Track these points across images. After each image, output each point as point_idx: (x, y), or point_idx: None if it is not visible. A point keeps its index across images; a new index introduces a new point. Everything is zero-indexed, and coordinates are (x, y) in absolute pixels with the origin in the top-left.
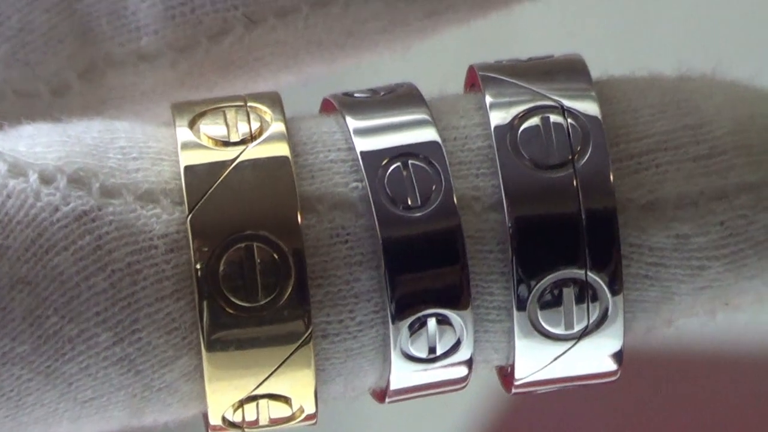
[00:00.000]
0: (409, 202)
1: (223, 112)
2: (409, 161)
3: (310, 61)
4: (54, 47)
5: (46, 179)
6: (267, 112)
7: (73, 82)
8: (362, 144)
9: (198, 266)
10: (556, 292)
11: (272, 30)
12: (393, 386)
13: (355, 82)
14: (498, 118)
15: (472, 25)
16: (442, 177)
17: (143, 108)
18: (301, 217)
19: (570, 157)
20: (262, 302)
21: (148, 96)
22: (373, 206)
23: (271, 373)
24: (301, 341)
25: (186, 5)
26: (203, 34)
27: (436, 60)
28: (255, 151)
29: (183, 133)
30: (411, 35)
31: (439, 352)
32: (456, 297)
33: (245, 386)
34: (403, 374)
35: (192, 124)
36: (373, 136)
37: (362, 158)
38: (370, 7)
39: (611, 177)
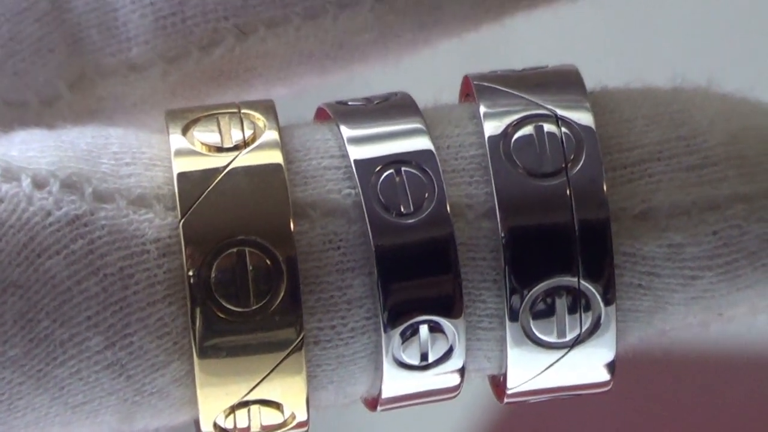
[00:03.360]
0: (402, 209)
1: (217, 118)
2: (402, 168)
3: (302, 73)
4: (44, 57)
5: (39, 184)
6: (260, 119)
7: (62, 92)
8: (356, 152)
9: (190, 273)
10: (548, 300)
11: (263, 41)
12: (385, 394)
13: (350, 93)
14: (492, 126)
15: (466, 37)
16: (435, 184)
17: (133, 118)
18: (294, 223)
19: (563, 166)
20: (254, 308)
21: (139, 107)
22: (365, 212)
23: (263, 379)
24: (292, 347)
25: (176, 15)
26: (194, 45)
27: (431, 70)
28: (248, 158)
29: (176, 139)
30: (403, 47)
31: (431, 359)
32: (449, 305)
33: (237, 392)
34: (395, 381)
35: (185, 131)
36: (367, 144)
37: (355, 165)
38: (361, 18)
39: (604, 186)
